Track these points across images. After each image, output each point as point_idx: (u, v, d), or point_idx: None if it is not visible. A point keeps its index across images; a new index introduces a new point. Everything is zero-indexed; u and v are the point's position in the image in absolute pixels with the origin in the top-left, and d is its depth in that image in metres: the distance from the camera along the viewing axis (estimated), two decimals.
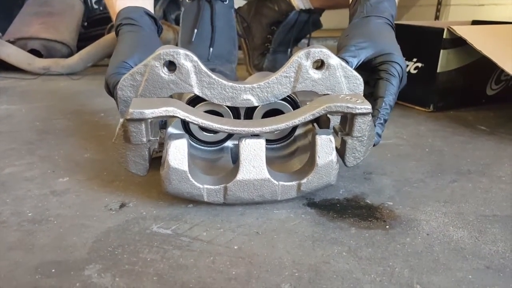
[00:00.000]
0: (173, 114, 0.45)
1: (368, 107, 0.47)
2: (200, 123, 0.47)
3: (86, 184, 0.57)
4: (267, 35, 1.23)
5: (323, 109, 0.47)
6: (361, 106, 0.47)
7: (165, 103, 0.46)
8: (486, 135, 0.81)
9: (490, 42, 0.88)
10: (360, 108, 0.47)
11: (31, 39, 1.43)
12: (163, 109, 0.44)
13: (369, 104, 0.47)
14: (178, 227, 0.47)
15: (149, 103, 0.45)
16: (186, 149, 0.47)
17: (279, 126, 0.48)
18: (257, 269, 0.40)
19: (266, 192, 0.49)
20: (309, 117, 0.48)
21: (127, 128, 0.45)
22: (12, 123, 0.84)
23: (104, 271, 0.39)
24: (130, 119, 0.44)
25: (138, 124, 0.45)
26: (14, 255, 0.41)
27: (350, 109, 0.47)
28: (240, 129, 0.48)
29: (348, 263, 0.41)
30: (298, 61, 0.52)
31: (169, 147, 0.46)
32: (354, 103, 0.47)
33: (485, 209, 0.52)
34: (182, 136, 0.48)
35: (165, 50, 0.49)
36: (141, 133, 0.46)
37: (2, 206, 0.51)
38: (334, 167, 0.50)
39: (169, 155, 0.46)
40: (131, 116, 0.44)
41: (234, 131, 0.48)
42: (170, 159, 0.46)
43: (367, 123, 0.49)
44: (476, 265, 0.41)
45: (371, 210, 0.51)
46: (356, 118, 0.48)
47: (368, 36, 0.59)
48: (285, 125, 0.48)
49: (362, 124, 0.48)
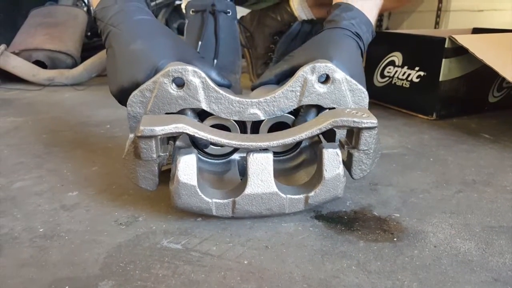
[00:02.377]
0: (182, 130, 0.46)
1: (374, 121, 0.48)
2: (209, 139, 0.47)
3: (95, 198, 0.57)
4: (270, 44, 1.24)
5: (330, 123, 0.48)
6: (367, 120, 0.47)
7: (175, 120, 0.46)
8: (489, 143, 0.82)
9: (491, 51, 0.89)
10: (366, 123, 0.47)
11: (35, 50, 1.45)
12: (173, 126, 0.45)
13: (375, 119, 0.48)
14: (188, 241, 0.47)
15: (159, 120, 0.46)
16: (195, 164, 0.47)
17: (286, 140, 0.49)
18: (268, 285, 0.40)
19: (274, 205, 0.50)
20: (316, 131, 0.48)
21: (138, 144, 0.46)
22: (20, 136, 0.85)
23: (117, 287, 0.40)
24: (141, 136, 0.45)
25: (148, 141, 0.46)
26: (28, 272, 0.42)
27: (357, 123, 0.47)
28: (248, 144, 0.48)
29: (358, 277, 0.41)
30: (303, 75, 0.53)
31: (179, 162, 0.47)
32: (360, 117, 0.48)
33: (491, 220, 0.53)
34: (191, 152, 0.48)
35: (173, 67, 0.49)
36: (151, 150, 0.46)
37: (14, 221, 0.51)
38: (341, 180, 0.50)
39: (178, 171, 0.47)
40: (141, 133, 0.44)
41: (242, 146, 0.49)
42: (179, 175, 0.47)
43: (373, 137, 0.49)
44: (484, 277, 0.42)
45: (378, 223, 0.52)
46: (362, 132, 0.49)
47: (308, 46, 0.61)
48: (292, 140, 0.49)
49: (369, 138, 0.49)
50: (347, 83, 0.54)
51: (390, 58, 1.07)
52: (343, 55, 0.57)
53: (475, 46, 0.88)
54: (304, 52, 0.61)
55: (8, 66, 1.33)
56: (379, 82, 1.10)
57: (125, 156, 0.49)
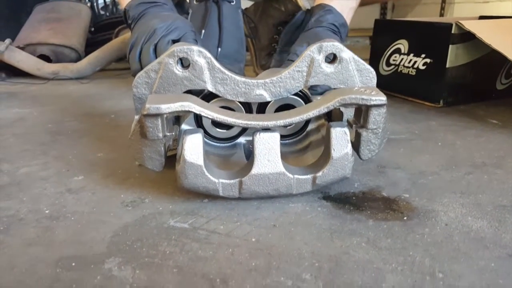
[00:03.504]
0: (188, 109, 0.45)
1: (383, 99, 0.47)
2: (215, 118, 0.47)
3: (101, 182, 0.57)
4: (274, 35, 1.23)
5: (338, 101, 0.47)
6: (375, 97, 0.47)
7: (181, 98, 0.46)
8: (498, 128, 0.81)
9: (499, 36, 0.88)
10: (375, 100, 0.47)
11: (40, 45, 1.45)
12: (179, 104, 0.45)
13: (384, 96, 0.47)
14: (195, 221, 0.47)
15: (165, 99, 0.46)
16: (202, 144, 0.47)
17: (293, 119, 0.48)
18: (277, 260, 0.40)
19: (281, 186, 0.49)
20: (324, 109, 0.48)
21: (144, 123, 0.46)
22: (25, 125, 0.85)
23: (124, 264, 0.39)
24: (147, 114, 0.44)
25: (154, 119, 0.45)
26: (34, 250, 0.41)
27: (365, 100, 0.47)
28: (255, 123, 0.48)
29: (368, 253, 0.41)
30: (310, 55, 0.52)
31: (185, 142, 0.46)
32: (368, 94, 0.47)
33: (502, 199, 0.52)
34: (197, 131, 0.48)
35: (179, 47, 0.49)
36: (157, 129, 0.46)
37: (20, 204, 0.51)
38: (349, 159, 0.49)
39: (185, 150, 0.46)
40: (147, 111, 0.44)
41: (249, 125, 0.48)
42: (186, 154, 0.46)
43: (382, 115, 0.48)
44: (498, 253, 0.41)
45: (387, 203, 0.51)
46: (371, 110, 0.48)
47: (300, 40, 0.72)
48: (300, 118, 0.48)
49: (377, 116, 0.48)
50: (355, 63, 0.53)
51: (396, 46, 1.06)
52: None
53: (482, 31, 0.87)
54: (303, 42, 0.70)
55: (13, 60, 1.33)
56: (384, 70, 1.09)
57: (131, 136, 0.49)
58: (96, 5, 2.01)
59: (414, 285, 0.36)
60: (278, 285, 0.36)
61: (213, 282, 0.37)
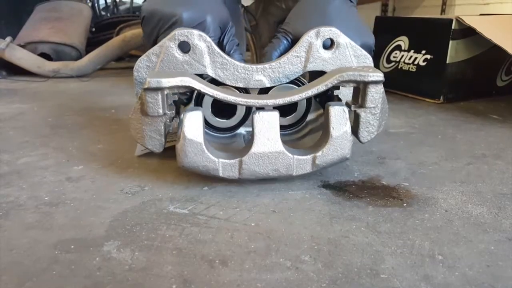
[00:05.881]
0: (188, 84, 0.45)
1: (380, 75, 0.47)
2: (215, 95, 0.47)
3: (101, 171, 0.57)
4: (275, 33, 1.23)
5: (336, 78, 0.47)
6: (373, 74, 0.47)
7: (181, 74, 0.46)
8: (498, 123, 0.81)
9: (499, 31, 0.88)
10: (373, 76, 0.46)
11: (41, 43, 1.45)
12: (179, 79, 0.45)
13: (381, 72, 0.47)
14: (194, 207, 0.47)
15: (166, 74, 0.46)
16: (202, 122, 0.47)
17: (293, 98, 0.48)
18: (276, 243, 0.39)
19: (281, 166, 0.49)
20: (322, 87, 0.48)
21: (144, 99, 0.46)
22: (25, 119, 0.85)
23: (123, 246, 0.39)
24: (148, 88, 0.44)
25: (155, 94, 0.45)
26: (33, 233, 0.41)
27: (363, 77, 0.47)
28: (254, 101, 0.48)
29: (367, 237, 0.41)
30: (308, 40, 0.52)
31: (184, 118, 0.46)
32: (366, 71, 0.47)
33: (502, 188, 0.52)
34: (197, 109, 0.48)
35: (179, 31, 0.49)
36: (157, 104, 0.46)
37: (19, 191, 0.51)
38: (348, 138, 0.49)
39: (185, 127, 0.46)
40: (148, 85, 0.44)
41: (249, 103, 0.48)
42: (186, 131, 0.46)
43: (379, 93, 0.48)
44: (497, 237, 0.41)
45: (387, 190, 0.51)
46: (368, 87, 0.48)
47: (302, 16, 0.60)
48: (299, 97, 0.48)
49: (375, 94, 0.48)
50: (352, 48, 0.53)
51: (396, 42, 1.06)
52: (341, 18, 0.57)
53: (482, 27, 0.87)
54: (300, 22, 0.59)
55: (14, 58, 1.34)
56: (385, 67, 1.09)
57: (131, 115, 0.49)
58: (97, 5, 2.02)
59: (414, 266, 0.36)
60: (277, 265, 0.36)
61: (212, 263, 0.36)
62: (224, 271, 0.35)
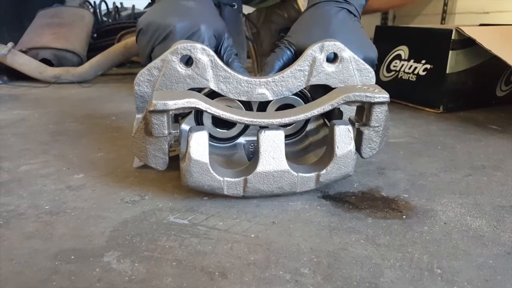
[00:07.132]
0: (195, 105, 0.45)
1: (386, 96, 0.47)
2: (221, 115, 0.47)
3: (101, 180, 0.57)
4: (276, 41, 1.24)
5: (342, 99, 0.47)
6: (379, 95, 0.47)
7: (186, 95, 0.46)
8: (498, 133, 0.81)
9: (499, 42, 0.89)
10: (379, 97, 0.47)
11: (42, 49, 1.46)
12: (186, 101, 0.44)
13: (387, 93, 0.47)
14: (194, 217, 0.47)
15: (171, 95, 0.46)
16: (207, 142, 0.47)
17: (299, 117, 0.48)
18: (276, 255, 0.40)
19: (285, 184, 0.49)
20: (328, 107, 0.48)
21: (149, 120, 0.45)
22: (26, 126, 0.85)
23: (123, 257, 0.39)
24: (153, 110, 0.44)
25: (160, 116, 0.45)
26: (33, 243, 0.42)
27: (369, 98, 0.47)
28: (260, 120, 0.48)
29: (367, 249, 0.41)
30: (312, 54, 0.52)
31: (190, 139, 0.46)
32: (372, 92, 0.47)
33: (501, 200, 0.52)
34: (203, 129, 0.47)
35: (182, 45, 0.49)
36: (163, 125, 0.45)
37: (19, 200, 0.51)
38: (352, 157, 0.50)
39: (190, 147, 0.46)
40: (154, 107, 0.44)
41: (254, 122, 0.48)
42: (191, 151, 0.46)
43: (384, 113, 0.49)
44: (496, 251, 0.41)
45: (386, 202, 0.51)
46: (374, 108, 0.48)
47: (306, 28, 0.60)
48: (304, 116, 0.48)
49: (380, 114, 0.49)
50: (355, 62, 0.54)
51: (396, 52, 1.06)
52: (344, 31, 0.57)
53: (482, 37, 0.88)
54: (304, 34, 0.59)
55: (15, 64, 1.34)
56: (385, 76, 1.10)
57: (134, 134, 0.49)
58: (99, 11, 2.03)
59: (412, 280, 0.36)
60: (277, 278, 0.36)
61: (212, 275, 0.37)
62: (223, 283, 0.36)
